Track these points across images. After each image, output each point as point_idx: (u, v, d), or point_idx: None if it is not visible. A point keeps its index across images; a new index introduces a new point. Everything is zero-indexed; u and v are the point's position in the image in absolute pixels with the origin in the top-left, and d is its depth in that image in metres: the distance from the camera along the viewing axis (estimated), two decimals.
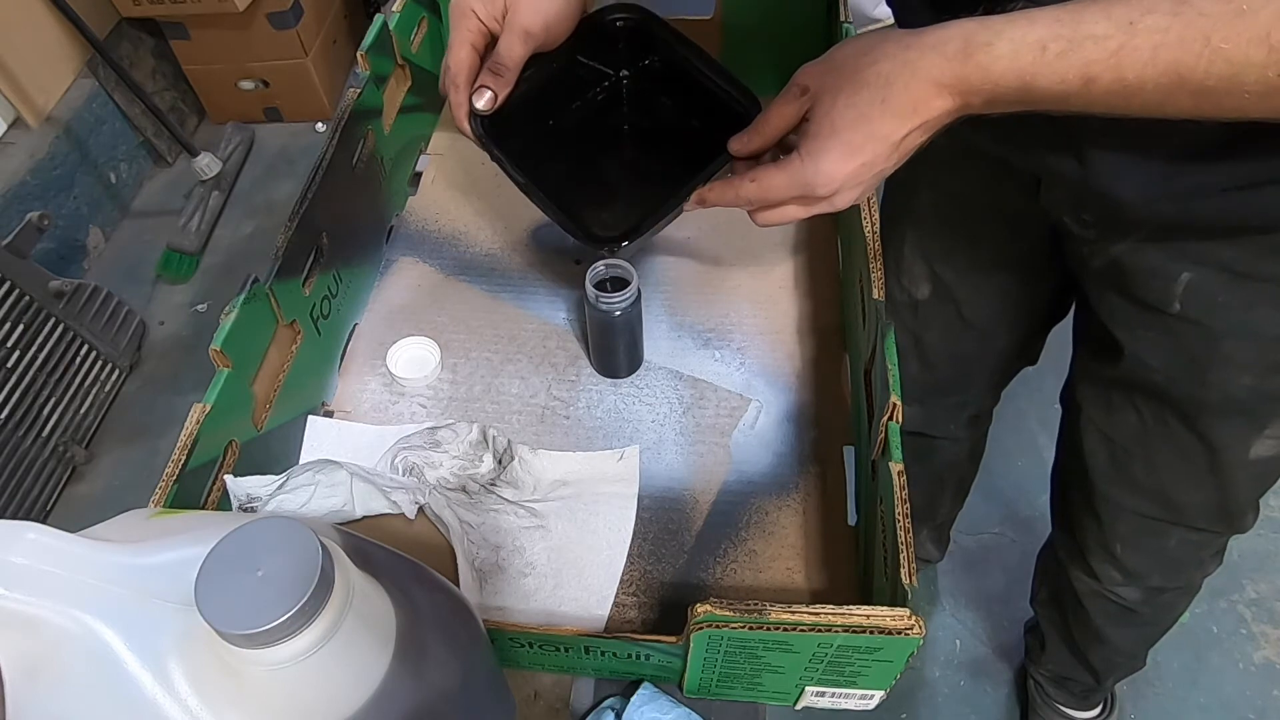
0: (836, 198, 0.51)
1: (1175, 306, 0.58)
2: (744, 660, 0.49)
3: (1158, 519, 0.73)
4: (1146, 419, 0.67)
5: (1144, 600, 0.84)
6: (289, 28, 1.89)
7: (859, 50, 0.48)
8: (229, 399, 0.57)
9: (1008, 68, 0.42)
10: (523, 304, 0.79)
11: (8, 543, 0.32)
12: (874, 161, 0.49)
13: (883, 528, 0.53)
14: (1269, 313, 0.56)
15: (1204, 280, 0.56)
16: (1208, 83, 0.38)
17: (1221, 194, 0.50)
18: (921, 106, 0.46)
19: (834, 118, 0.48)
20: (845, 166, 0.49)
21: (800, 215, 0.54)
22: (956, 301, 0.79)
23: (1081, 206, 0.60)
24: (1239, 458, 0.65)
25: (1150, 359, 0.63)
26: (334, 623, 0.31)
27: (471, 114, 0.61)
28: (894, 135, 0.48)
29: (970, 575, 1.34)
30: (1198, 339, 0.59)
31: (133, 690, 0.31)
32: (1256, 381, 0.59)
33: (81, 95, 1.78)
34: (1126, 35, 0.38)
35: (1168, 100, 0.40)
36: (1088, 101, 0.41)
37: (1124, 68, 0.39)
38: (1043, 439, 1.42)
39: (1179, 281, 0.57)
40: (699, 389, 0.72)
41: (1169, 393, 0.64)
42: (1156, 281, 0.58)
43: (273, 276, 0.62)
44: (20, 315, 1.34)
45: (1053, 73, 0.41)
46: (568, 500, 0.64)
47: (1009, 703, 1.22)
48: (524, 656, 0.53)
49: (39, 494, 1.41)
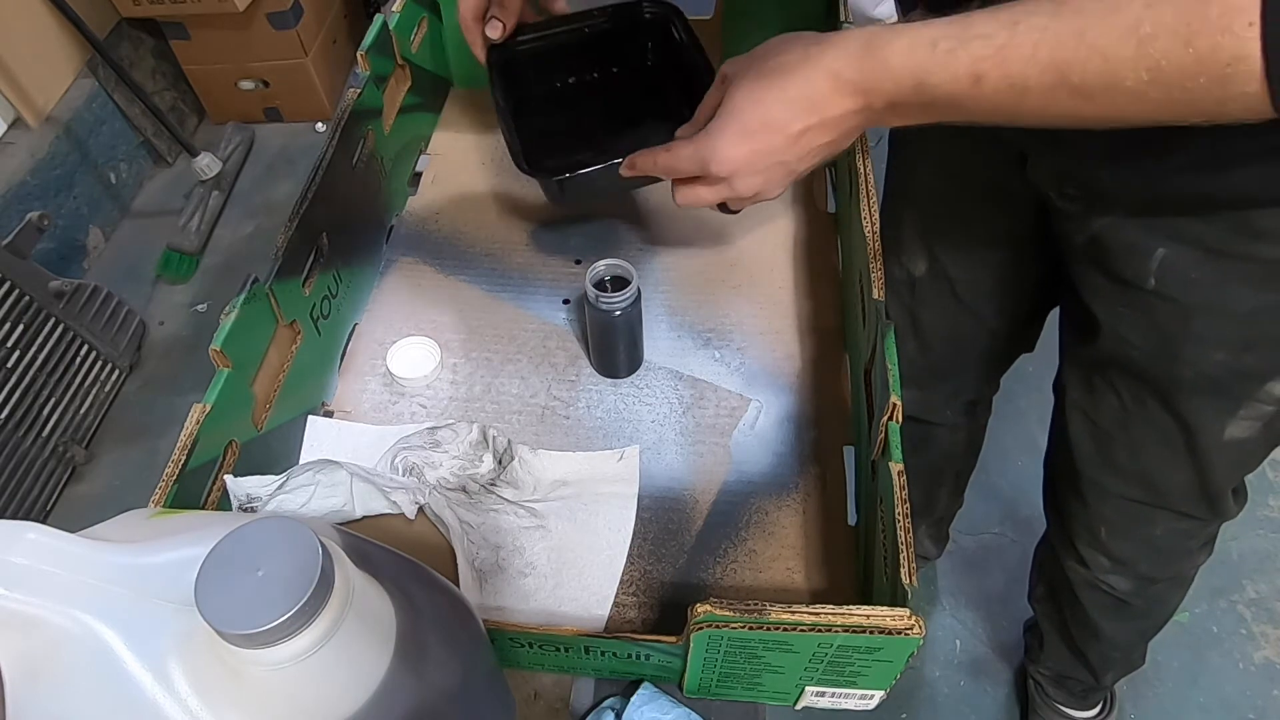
0: (736, 181, 0.54)
1: (1151, 282, 0.59)
2: (744, 660, 0.49)
3: (1141, 502, 0.75)
4: (1126, 400, 0.69)
5: (1135, 591, 0.85)
6: (289, 28, 1.89)
7: (776, 44, 0.52)
8: (229, 399, 0.57)
9: (903, 63, 0.44)
10: (523, 304, 0.79)
11: (8, 543, 0.32)
12: (770, 150, 0.51)
13: (883, 528, 0.53)
14: (1240, 290, 0.56)
15: (1179, 256, 0.57)
16: (1087, 80, 0.39)
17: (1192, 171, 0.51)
18: (820, 102, 0.48)
19: (736, 101, 0.52)
20: (739, 149, 0.52)
21: (709, 198, 0.57)
22: (951, 279, 0.80)
23: (1064, 181, 0.61)
24: (1215, 439, 0.66)
25: (1128, 335, 0.64)
26: (334, 623, 0.31)
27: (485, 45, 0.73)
28: (790, 126, 0.50)
29: (970, 575, 1.34)
30: (1172, 315, 0.60)
31: (133, 690, 0.31)
32: (1229, 358, 0.60)
33: (81, 95, 1.78)
34: (1009, 33, 0.41)
35: (1052, 101, 0.41)
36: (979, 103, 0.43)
37: (1008, 63, 0.41)
38: (1042, 439, 1.41)
39: (1155, 257, 0.58)
40: (699, 389, 0.72)
41: (1147, 371, 0.65)
42: (1134, 257, 0.59)
43: (273, 276, 0.62)
44: (20, 315, 1.34)
45: (944, 69, 0.43)
46: (568, 500, 0.64)
47: (1009, 703, 1.22)
48: (524, 656, 0.53)
49: (39, 494, 1.40)
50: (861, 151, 0.68)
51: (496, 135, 0.94)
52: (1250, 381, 0.62)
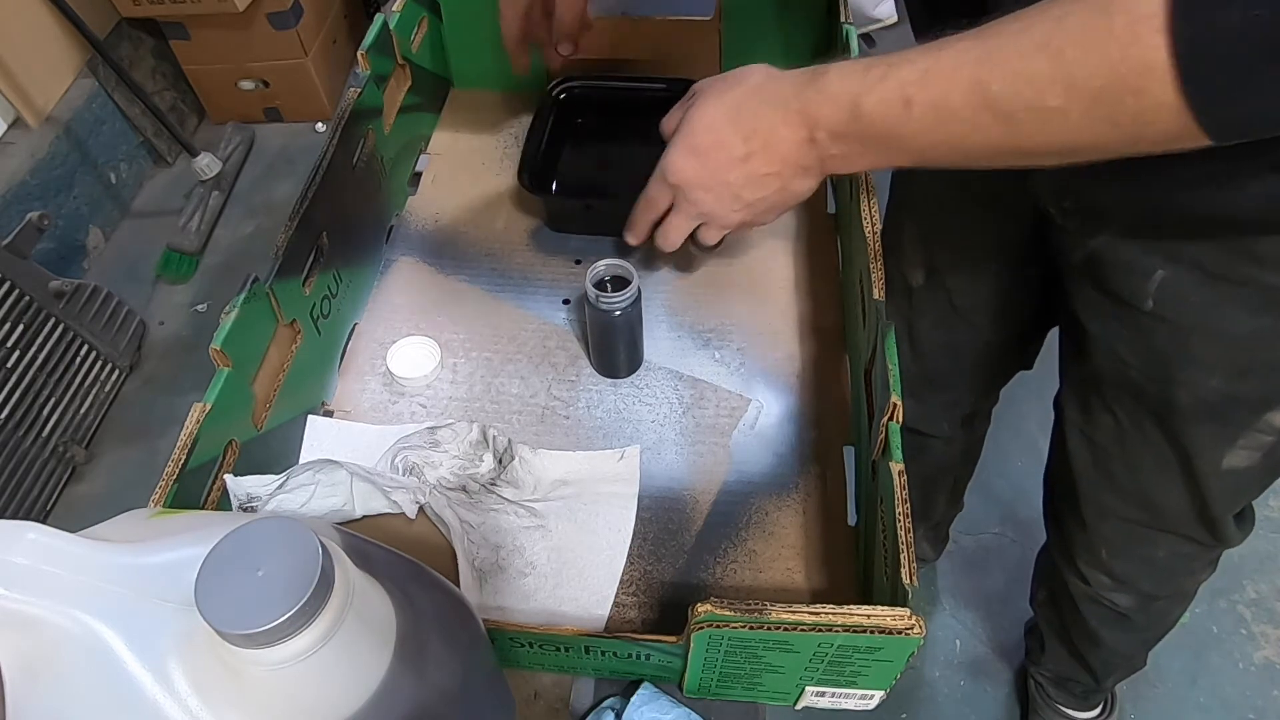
0: (692, 193, 0.58)
1: (1149, 304, 0.59)
2: (744, 660, 0.49)
3: (1141, 524, 0.74)
4: (1123, 420, 0.68)
5: (1138, 607, 0.84)
6: (289, 28, 1.89)
7: (742, 71, 0.55)
8: (229, 399, 0.57)
9: (839, 88, 0.48)
10: (523, 304, 0.79)
11: (8, 543, 0.32)
12: (718, 168, 0.55)
13: (883, 528, 0.53)
14: (1238, 314, 0.56)
15: (1177, 278, 0.57)
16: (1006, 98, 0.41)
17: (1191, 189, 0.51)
18: (765, 130, 0.52)
19: (693, 120, 0.55)
20: (689, 162, 0.56)
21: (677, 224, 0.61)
22: (949, 289, 0.80)
23: (1063, 194, 0.60)
24: (1213, 467, 0.65)
25: (1125, 355, 0.64)
26: (334, 623, 0.31)
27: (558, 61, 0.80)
28: (735, 151, 0.53)
29: (970, 575, 1.34)
30: (1169, 337, 0.60)
31: (133, 690, 0.31)
32: (1225, 384, 0.59)
33: (81, 95, 1.78)
34: (934, 58, 0.43)
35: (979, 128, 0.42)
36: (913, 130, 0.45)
37: (931, 85, 0.43)
38: (1042, 441, 1.41)
39: (1153, 279, 0.57)
40: (699, 389, 0.72)
41: (1143, 392, 0.65)
42: (1132, 278, 0.59)
43: (273, 276, 0.62)
44: (20, 315, 1.34)
45: (874, 92, 0.46)
46: (568, 500, 0.64)
47: (1009, 703, 1.23)
48: (524, 656, 0.53)
49: (39, 494, 1.41)
50: None
51: (497, 135, 0.94)
52: (1249, 410, 0.61)
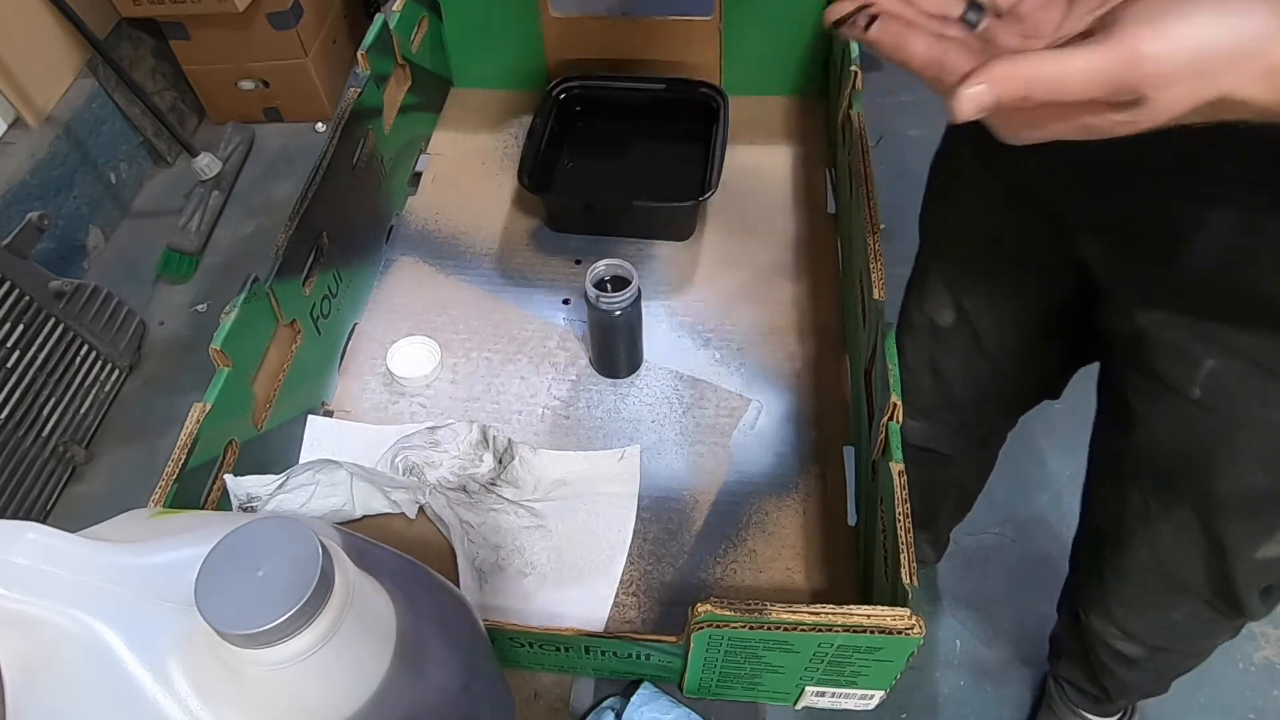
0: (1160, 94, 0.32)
1: (1195, 392, 0.57)
2: (744, 660, 0.49)
3: (1158, 590, 0.73)
4: (1151, 502, 0.66)
5: (1147, 657, 0.83)
6: (289, 28, 1.88)
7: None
8: (229, 399, 0.57)
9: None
10: (523, 304, 0.79)
11: (8, 543, 0.32)
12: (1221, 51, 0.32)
13: (883, 528, 0.52)
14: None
15: (1227, 370, 0.55)
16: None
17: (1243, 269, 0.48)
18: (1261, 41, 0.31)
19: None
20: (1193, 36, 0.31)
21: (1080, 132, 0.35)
22: (977, 333, 0.76)
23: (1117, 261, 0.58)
24: (1245, 557, 0.64)
25: (1165, 439, 0.62)
26: (334, 623, 0.31)
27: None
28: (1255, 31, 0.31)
29: (970, 575, 1.33)
30: (1214, 428, 0.58)
31: (133, 690, 0.31)
32: (1270, 480, 0.58)
33: (81, 95, 1.78)
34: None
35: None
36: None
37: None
38: (1044, 442, 1.42)
39: (1202, 368, 0.55)
40: (699, 389, 0.72)
41: (1180, 479, 0.63)
42: (1181, 364, 0.57)
43: (273, 276, 0.62)
44: (20, 315, 1.34)
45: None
46: (568, 500, 0.64)
47: (1009, 703, 1.22)
48: (524, 656, 0.53)
49: (39, 494, 1.40)
50: (862, 151, 0.68)
51: (497, 135, 0.94)
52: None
